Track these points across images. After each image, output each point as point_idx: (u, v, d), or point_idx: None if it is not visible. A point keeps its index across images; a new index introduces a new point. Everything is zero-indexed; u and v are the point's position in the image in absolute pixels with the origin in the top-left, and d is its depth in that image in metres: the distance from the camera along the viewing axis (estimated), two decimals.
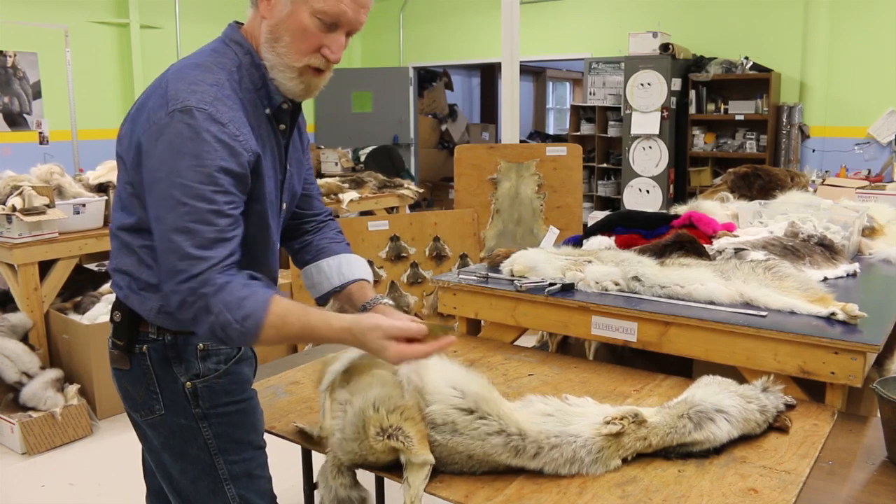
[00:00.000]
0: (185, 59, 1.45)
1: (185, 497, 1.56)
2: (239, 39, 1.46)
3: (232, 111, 1.35)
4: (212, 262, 1.30)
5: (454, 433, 1.41)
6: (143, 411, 1.53)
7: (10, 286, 3.84)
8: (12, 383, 3.57)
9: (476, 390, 1.45)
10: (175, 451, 1.54)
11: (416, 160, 10.46)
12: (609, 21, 8.59)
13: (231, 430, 1.53)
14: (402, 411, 1.40)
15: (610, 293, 2.17)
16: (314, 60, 1.43)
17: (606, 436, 1.45)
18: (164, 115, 1.32)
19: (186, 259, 1.29)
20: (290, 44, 1.41)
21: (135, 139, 1.38)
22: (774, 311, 1.96)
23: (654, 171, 7.58)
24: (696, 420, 1.51)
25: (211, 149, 1.30)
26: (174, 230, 1.30)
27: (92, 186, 4.16)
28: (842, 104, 7.25)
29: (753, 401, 1.59)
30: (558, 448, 1.43)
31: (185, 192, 1.29)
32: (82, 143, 7.45)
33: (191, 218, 1.29)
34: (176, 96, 1.33)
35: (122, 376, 1.55)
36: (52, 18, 7.49)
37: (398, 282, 4.38)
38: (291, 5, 1.39)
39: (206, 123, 1.31)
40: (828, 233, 2.62)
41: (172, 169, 1.30)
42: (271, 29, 1.42)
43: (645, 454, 1.49)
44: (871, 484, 1.45)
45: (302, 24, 1.39)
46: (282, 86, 1.45)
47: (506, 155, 4.77)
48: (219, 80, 1.38)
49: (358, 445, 1.42)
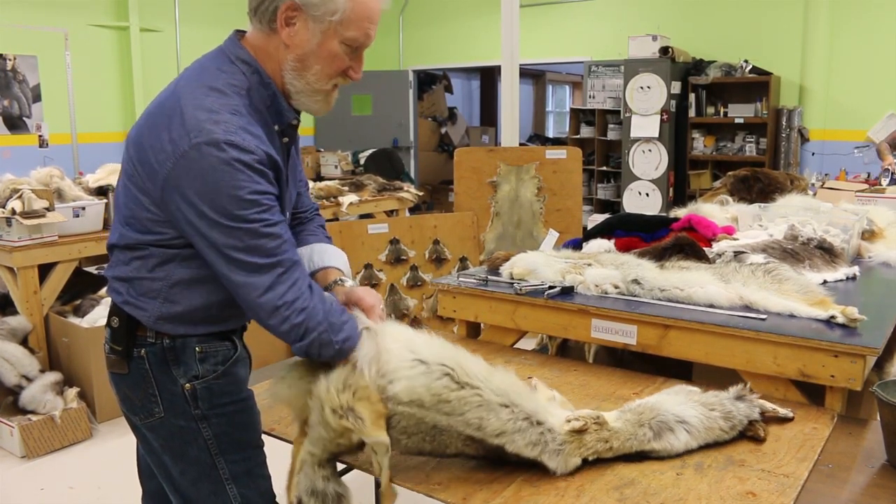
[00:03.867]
0: (195, 76, 1.44)
1: (186, 498, 1.56)
2: (246, 58, 1.45)
3: (256, 138, 1.37)
4: (291, 300, 1.36)
5: (420, 408, 1.39)
6: (142, 414, 1.53)
7: (10, 289, 3.84)
8: (12, 386, 3.56)
9: (440, 352, 1.43)
10: (175, 453, 1.54)
11: (416, 163, 10.46)
12: (609, 24, 8.60)
13: (230, 429, 1.54)
14: (355, 391, 1.37)
15: (610, 296, 2.17)
16: (338, 80, 1.48)
17: (570, 432, 1.45)
18: (189, 146, 1.31)
19: (268, 291, 1.35)
20: (319, 71, 1.44)
21: (153, 162, 1.36)
22: (774, 314, 1.96)
23: (654, 174, 7.58)
24: (655, 429, 1.51)
25: (245, 177, 1.32)
26: (240, 269, 1.34)
27: (92, 190, 4.17)
28: (841, 107, 7.25)
29: (717, 408, 1.59)
30: (521, 433, 1.42)
31: (236, 230, 1.32)
32: (82, 147, 7.45)
33: (250, 251, 1.34)
34: (198, 127, 1.32)
35: (120, 380, 1.55)
36: (52, 22, 7.50)
37: (398, 285, 4.38)
38: (321, 35, 1.41)
39: (235, 153, 1.31)
40: (827, 236, 2.62)
41: (215, 207, 1.31)
42: (299, 58, 1.43)
43: (606, 458, 1.50)
44: (870, 487, 1.45)
45: (331, 52, 1.43)
46: (305, 107, 1.49)
47: (505, 158, 4.77)
48: (237, 108, 1.38)
49: (323, 429, 1.40)
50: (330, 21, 1.40)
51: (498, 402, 1.41)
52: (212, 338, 1.52)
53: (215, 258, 1.36)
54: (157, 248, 1.44)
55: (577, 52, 8.90)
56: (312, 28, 1.40)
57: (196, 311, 1.48)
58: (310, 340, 1.38)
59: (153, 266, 1.45)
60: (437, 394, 1.38)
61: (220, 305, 1.49)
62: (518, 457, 1.44)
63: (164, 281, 1.46)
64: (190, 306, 1.47)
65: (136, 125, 1.47)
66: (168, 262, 1.45)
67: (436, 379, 1.39)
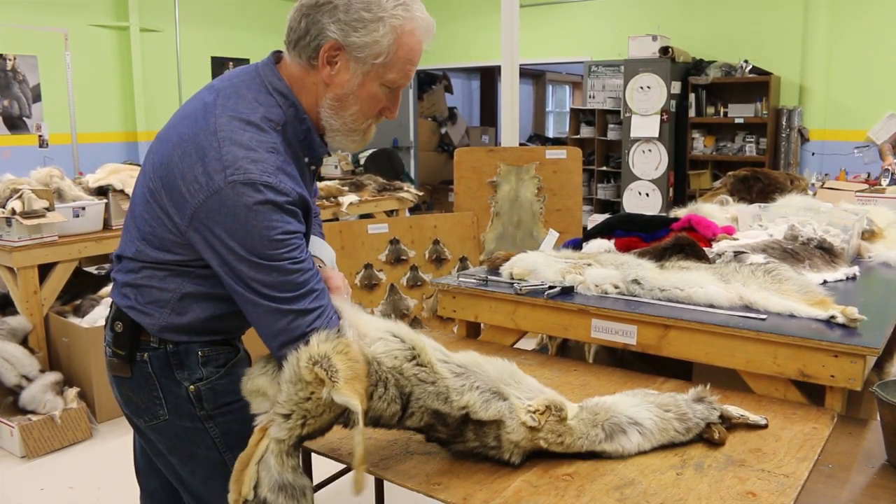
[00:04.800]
0: (231, 103, 1.39)
1: (198, 497, 1.57)
2: (283, 90, 1.43)
3: (291, 178, 1.36)
4: (319, 328, 1.35)
5: (400, 375, 1.38)
6: (146, 417, 1.53)
7: (10, 289, 3.84)
8: (12, 386, 3.57)
9: (412, 335, 1.43)
10: (182, 454, 1.54)
11: (416, 163, 10.46)
12: (608, 24, 8.60)
13: (237, 426, 1.54)
14: (336, 345, 1.32)
15: (609, 296, 2.17)
16: (373, 120, 1.48)
17: (523, 423, 1.45)
18: (224, 183, 1.29)
19: (297, 318, 1.35)
20: (357, 111, 1.44)
21: (184, 192, 1.34)
22: (774, 314, 1.96)
23: (654, 174, 7.59)
24: (608, 431, 1.51)
25: (278, 217, 1.32)
26: (266, 300, 1.34)
27: (91, 190, 4.16)
28: (841, 107, 7.26)
29: (672, 409, 1.58)
30: (485, 403, 1.42)
31: (265, 268, 1.32)
32: (82, 147, 7.45)
33: (278, 287, 1.33)
34: (235, 164, 1.30)
35: (122, 384, 1.55)
36: (52, 22, 7.50)
37: (398, 285, 4.38)
38: (362, 77, 1.40)
39: (271, 195, 1.31)
40: (827, 236, 2.62)
41: (246, 245, 1.31)
42: (338, 97, 1.42)
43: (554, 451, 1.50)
44: (870, 487, 1.45)
45: (371, 93, 1.42)
46: (340, 144, 1.49)
47: (505, 158, 4.78)
48: (274, 146, 1.36)
49: (292, 386, 1.31)
50: (373, 64, 1.38)
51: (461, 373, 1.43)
52: (214, 343, 1.53)
53: (240, 288, 1.35)
54: (173, 265, 1.44)
55: (577, 52, 8.91)
56: (354, 69, 1.39)
57: (201, 322, 1.48)
58: None
59: (164, 277, 1.45)
60: (406, 366, 1.39)
61: (224, 317, 1.49)
62: (476, 433, 1.43)
63: (174, 293, 1.45)
64: (196, 318, 1.47)
65: (163, 145, 1.42)
66: (180, 276, 1.45)
67: (407, 350, 1.40)
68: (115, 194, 4.13)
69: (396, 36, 1.37)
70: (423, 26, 1.42)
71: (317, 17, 1.36)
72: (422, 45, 1.42)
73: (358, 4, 1.35)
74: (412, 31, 1.39)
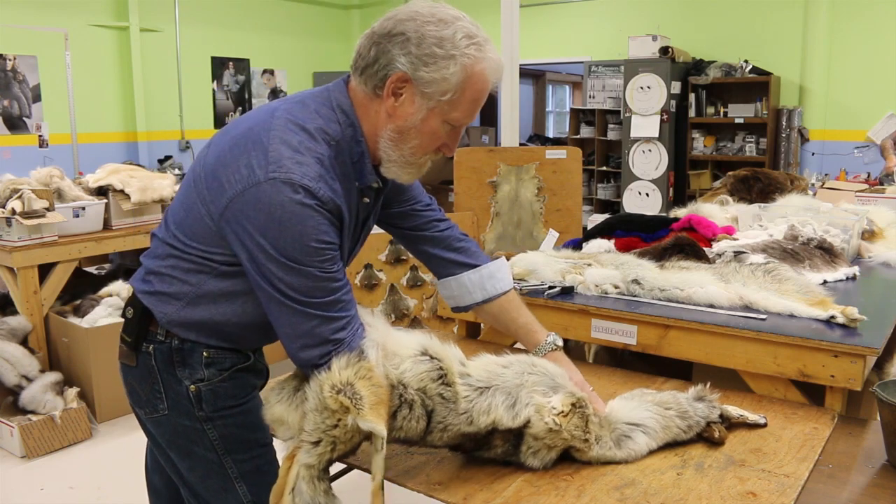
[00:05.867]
0: (293, 109, 1.40)
1: (196, 493, 1.57)
2: (346, 109, 1.42)
3: (332, 190, 1.34)
4: (343, 338, 1.35)
5: (424, 395, 1.37)
6: (147, 409, 1.54)
7: (10, 289, 3.84)
8: (12, 387, 3.56)
9: (442, 352, 1.42)
10: (181, 450, 1.54)
11: None
12: (608, 24, 8.60)
13: (236, 430, 1.53)
14: (358, 370, 1.32)
15: (609, 296, 2.17)
16: (432, 155, 1.45)
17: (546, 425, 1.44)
18: (264, 178, 1.29)
19: (323, 324, 1.34)
20: (417, 146, 1.41)
21: (223, 181, 1.35)
22: (774, 314, 1.96)
23: (654, 174, 7.59)
24: (615, 440, 1.52)
25: (314, 224, 1.30)
26: (293, 313, 1.33)
27: (91, 190, 4.16)
28: (841, 107, 7.26)
29: (673, 406, 1.58)
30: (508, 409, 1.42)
31: (293, 270, 1.31)
32: (82, 147, 7.46)
33: (305, 292, 1.32)
34: (279, 162, 1.30)
35: (128, 372, 1.55)
36: (52, 22, 7.50)
37: (398, 285, 4.38)
38: (426, 112, 1.37)
39: (307, 199, 1.29)
40: (827, 236, 2.62)
41: (277, 245, 1.30)
42: (399, 130, 1.39)
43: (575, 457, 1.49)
44: (870, 487, 1.45)
45: (433, 129, 1.39)
46: (394, 175, 1.46)
47: (505, 158, 4.78)
48: (321, 156, 1.35)
49: (318, 415, 1.32)
50: (439, 100, 1.36)
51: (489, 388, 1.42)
52: (221, 347, 1.52)
53: (265, 285, 1.34)
54: (200, 257, 1.43)
55: (577, 52, 8.91)
56: (419, 103, 1.36)
57: (211, 324, 1.47)
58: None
59: (188, 270, 1.44)
60: (431, 386, 1.38)
61: (236, 326, 1.48)
62: (504, 438, 1.43)
63: (194, 287, 1.45)
64: (208, 318, 1.46)
65: (223, 136, 1.44)
66: (203, 273, 1.44)
67: (435, 370, 1.39)
68: (115, 194, 4.13)
69: (466, 75, 1.35)
70: (493, 67, 1.39)
71: (387, 47, 1.35)
72: (489, 85, 1.39)
73: (431, 39, 1.33)
74: (482, 71, 1.37)
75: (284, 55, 10.12)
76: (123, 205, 4.13)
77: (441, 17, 1.34)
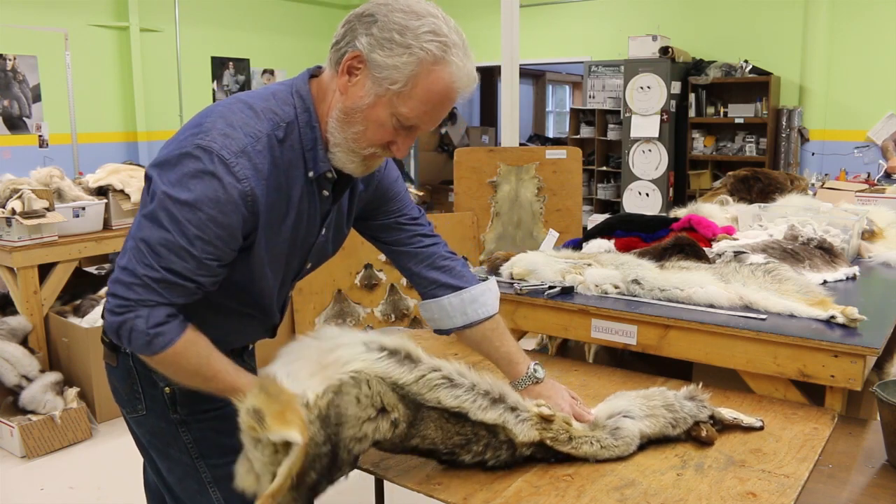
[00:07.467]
0: (256, 91, 1.40)
1: (174, 494, 1.57)
2: (304, 95, 1.39)
3: (254, 168, 1.30)
4: (158, 300, 1.28)
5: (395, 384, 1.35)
6: (128, 408, 1.54)
7: (10, 289, 3.84)
8: (12, 387, 3.56)
9: (393, 341, 1.40)
10: (159, 451, 1.55)
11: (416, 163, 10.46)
12: (608, 24, 8.60)
13: (211, 434, 1.51)
14: (253, 389, 1.26)
15: (610, 296, 2.17)
16: (379, 151, 1.39)
17: (538, 415, 1.46)
18: (191, 141, 1.29)
19: (143, 280, 1.27)
20: (361, 132, 1.35)
21: (165, 147, 1.35)
22: (774, 314, 1.96)
23: (654, 174, 7.59)
24: (609, 434, 1.53)
25: (215, 198, 1.27)
26: (144, 242, 1.28)
27: (91, 190, 4.16)
28: (841, 107, 7.26)
29: (657, 398, 1.59)
30: (484, 409, 1.41)
31: (175, 223, 1.26)
32: (82, 147, 7.45)
33: (165, 245, 1.27)
34: (209, 131, 1.29)
35: (111, 372, 1.55)
36: (52, 22, 7.50)
37: (398, 285, 4.38)
38: (374, 98, 1.32)
39: (220, 170, 1.26)
40: (827, 236, 2.62)
41: (173, 197, 1.26)
42: (345, 111, 1.35)
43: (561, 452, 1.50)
44: (870, 487, 1.45)
45: (379, 118, 1.33)
46: (340, 163, 1.40)
47: (505, 158, 4.78)
48: (257, 133, 1.32)
49: (252, 447, 1.26)
50: (388, 89, 1.31)
51: (460, 378, 1.41)
52: None
53: (134, 231, 1.31)
54: None
55: (577, 52, 8.91)
56: (369, 88, 1.32)
57: None
58: (130, 317, 1.28)
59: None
60: (390, 373, 1.36)
61: (202, 327, 1.41)
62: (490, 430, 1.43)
63: None
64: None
65: None
66: None
67: (388, 358, 1.37)
68: (115, 194, 4.13)
69: (420, 70, 1.29)
70: (457, 73, 1.31)
71: (355, 25, 1.32)
72: (449, 92, 1.32)
73: (394, 25, 1.29)
74: (438, 72, 1.30)
75: (284, 55, 10.11)
76: (123, 205, 4.14)
77: (415, 9, 1.30)
